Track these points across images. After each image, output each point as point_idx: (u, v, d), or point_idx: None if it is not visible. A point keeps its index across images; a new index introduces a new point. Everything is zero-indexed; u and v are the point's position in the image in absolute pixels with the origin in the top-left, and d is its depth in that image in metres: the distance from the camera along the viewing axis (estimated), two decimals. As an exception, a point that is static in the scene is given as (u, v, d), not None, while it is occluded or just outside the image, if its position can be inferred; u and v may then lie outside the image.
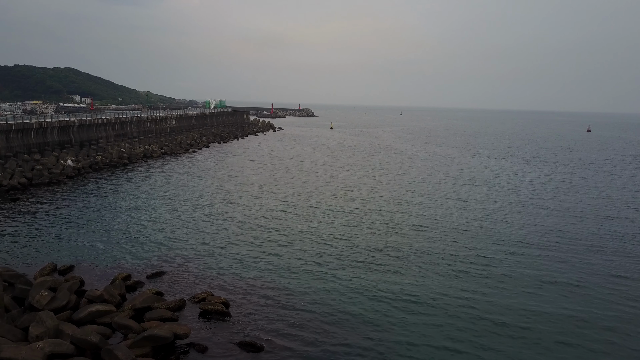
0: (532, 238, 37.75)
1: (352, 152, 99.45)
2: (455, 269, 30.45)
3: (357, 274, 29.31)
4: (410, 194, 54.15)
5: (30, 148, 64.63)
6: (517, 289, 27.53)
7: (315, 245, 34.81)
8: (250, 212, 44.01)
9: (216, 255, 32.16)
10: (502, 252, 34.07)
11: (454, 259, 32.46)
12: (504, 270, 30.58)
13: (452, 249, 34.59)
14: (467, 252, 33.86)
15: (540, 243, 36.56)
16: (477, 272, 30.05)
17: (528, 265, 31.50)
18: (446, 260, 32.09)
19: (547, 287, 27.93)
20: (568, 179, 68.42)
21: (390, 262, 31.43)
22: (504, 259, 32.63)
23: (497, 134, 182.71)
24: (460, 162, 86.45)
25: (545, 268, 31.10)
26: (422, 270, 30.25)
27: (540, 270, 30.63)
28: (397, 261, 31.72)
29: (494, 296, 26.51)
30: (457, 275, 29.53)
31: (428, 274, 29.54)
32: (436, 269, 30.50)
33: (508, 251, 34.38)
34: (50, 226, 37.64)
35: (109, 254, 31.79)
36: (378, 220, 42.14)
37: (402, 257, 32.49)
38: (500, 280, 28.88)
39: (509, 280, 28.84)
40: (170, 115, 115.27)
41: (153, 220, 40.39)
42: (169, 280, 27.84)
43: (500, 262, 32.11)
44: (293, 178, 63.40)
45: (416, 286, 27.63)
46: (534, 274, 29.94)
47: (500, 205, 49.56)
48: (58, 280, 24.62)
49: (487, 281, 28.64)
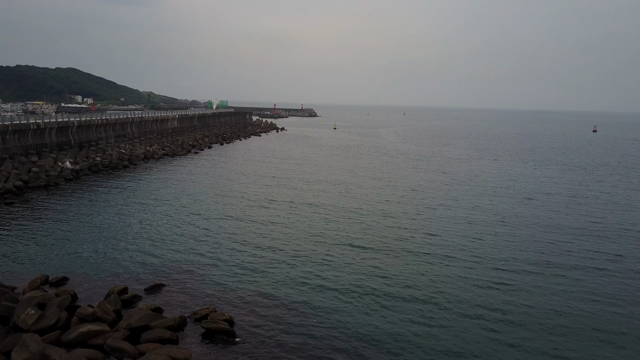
0: (551, 249, 35.56)
1: (357, 154, 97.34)
2: (476, 284, 28.38)
3: (369, 286, 27.24)
4: (419, 200, 51.97)
5: (27, 149, 62.72)
6: (542, 304, 25.47)
7: (325, 255, 32.73)
8: (254, 219, 41.88)
9: (219, 266, 30.11)
10: (522, 263, 31.97)
11: (473, 273, 30.36)
12: (526, 282, 28.49)
13: (468, 261, 32.48)
14: (484, 264, 31.74)
15: (559, 253, 34.43)
16: (497, 287, 27.97)
17: (550, 279, 29.40)
18: (467, 274, 30.00)
19: (575, 305, 25.86)
20: (583, 182, 65.95)
21: (403, 276, 29.34)
22: (525, 271, 30.52)
23: (502, 134, 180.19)
24: (468, 164, 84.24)
25: (568, 282, 29.01)
26: (444, 287, 28.17)
27: (564, 286, 28.54)
28: (413, 276, 29.62)
29: (515, 313, 24.44)
30: (478, 290, 27.46)
31: (452, 293, 27.45)
32: (459, 283, 28.42)
33: (528, 262, 32.27)
34: (44, 233, 35.68)
35: (106, 264, 29.81)
36: (387, 227, 40.02)
37: (418, 271, 30.39)
38: (523, 293, 26.80)
39: (532, 294, 26.76)
40: (171, 116, 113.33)
41: (152, 227, 38.38)
42: (169, 294, 25.82)
43: (521, 273, 30.01)
44: (299, 182, 61.16)
45: (437, 306, 25.56)
46: (556, 290, 27.84)
47: (515, 211, 47.27)
48: (47, 295, 22.63)
49: (509, 297, 26.56)
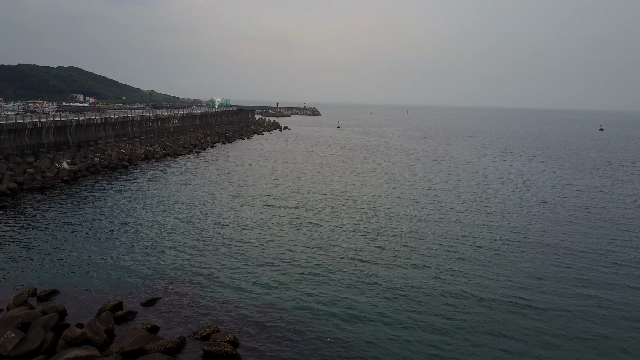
0: (578, 262, 33.18)
1: (362, 153, 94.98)
2: (490, 298, 26.11)
3: (379, 302, 25.00)
4: (429, 205, 49.33)
5: (23, 150, 60.67)
6: (567, 327, 23.19)
7: (337, 267, 30.44)
8: (259, 227, 39.14)
9: (221, 278, 27.75)
10: (546, 279, 29.67)
11: (489, 290, 28.07)
12: (551, 303, 26.22)
13: (484, 272, 30.19)
14: (499, 278, 29.45)
15: (588, 267, 32.10)
16: (513, 304, 25.69)
17: (579, 301, 27.09)
18: (483, 292, 27.72)
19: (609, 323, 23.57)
20: (601, 185, 63.18)
21: (413, 291, 27.06)
22: (549, 290, 28.23)
23: (508, 133, 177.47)
24: (477, 164, 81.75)
25: (598, 303, 26.70)
26: (459, 304, 25.91)
27: (593, 308, 26.23)
28: (424, 292, 27.35)
29: (533, 330, 22.18)
30: (493, 306, 25.19)
31: (467, 311, 25.19)
32: (474, 302, 26.15)
33: (551, 277, 29.97)
34: (35, 240, 33.47)
35: (100, 275, 27.60)
36: (395, 235, 37.35)
37: (429, 286, 28.12)
38: (548, 317, 24.53)
39: (558, 318, 24.47)
40: (173, 115, 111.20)
41: (151, 234, 36.08)
42: (167, 309, 23.61)
43: (545, 293, 27.72)
44: (305, 185, 58.43)
45: (452, 325, 23.31)
46: (586, 313, 25.54)
47: (531, 216, 44.73)
48: (32, 313, 20.45)
49: (528, 314, 24.29)
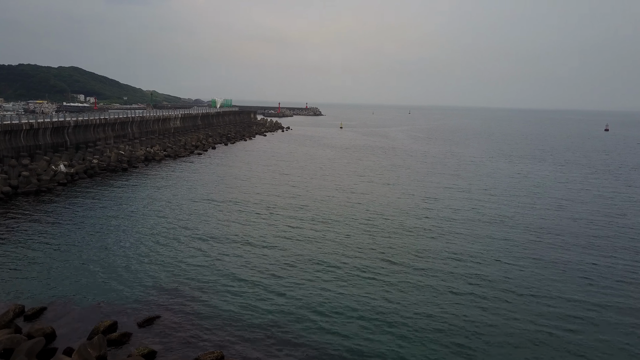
0: (603, 280, 31.08)
1: (367, 155, 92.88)
2: (507, 317, 24.03)
3: (397, 320, 22.95)
4: (439, 211, 46.78)
5: (19, 151, 58.67)
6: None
7: (348, 282, 28.35)
8: (264, 236, 36.16)
9: (226, 294, 25.51)
10: (575, 300, 27.57)
11: (511, 319, 26.00)
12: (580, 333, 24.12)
13: (501, 298, 28.11)
14: (521, 300, 27.36)
15: (612, 287, 29.98)
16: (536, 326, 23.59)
17: (607, 328, 24.98)
18: (502, 320, 25.65)
19: None
20: (617, 188, 60.65)
21: (424, 308, 24.99)
22: (579, 315, 26.12)
23: (513, 134, 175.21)
24: (485, 166, 79.51)
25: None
26: (472, 327, 23.83)
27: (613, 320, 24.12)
28: (435, 310, 25.27)
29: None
30: (509, 323, 23.11)
31: (480, 333, 23.11)
32: (489, 325, 24.08)
33: (578, 298, 27.86)
34: (25, 250, 31.31)
35: (94, 290, 25.50)
36: (404, 246, 34.80)
37: (439, 305, 26.04)
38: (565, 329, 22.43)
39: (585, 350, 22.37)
40: (174, 115, 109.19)
41: (148, 244, 33.63)
42: (166, 330, 21.52)
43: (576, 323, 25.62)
44: (311, 190, 55.29)
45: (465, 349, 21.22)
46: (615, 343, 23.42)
47: (549, 226, 42.02)
48: (15, 337, 18.42)
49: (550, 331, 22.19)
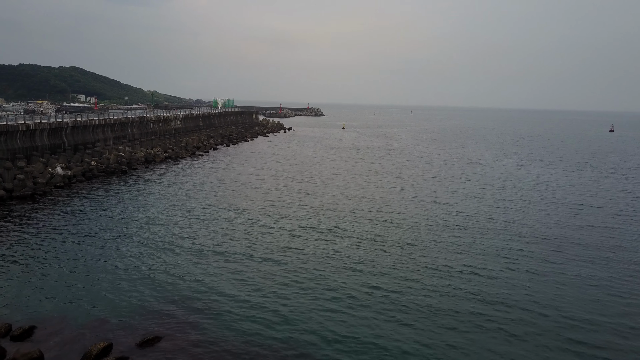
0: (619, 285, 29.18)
1: (373, 157, 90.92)
2: (512, 327, 22.11)
3: (409, 336, 21.04)
4: (447, 219, 44.03)
5: (15, 153, 56.78)
6: None
7: (358, 293, 26.43)
8: (269, 246, 33.72)
9: (232, 310, 23.50)
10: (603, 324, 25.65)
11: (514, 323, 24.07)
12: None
13: (520, 319, 26.19)
14: (542, 321, 25.44)
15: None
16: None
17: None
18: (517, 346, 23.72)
19: None
20: (633, 192, 58.74)
21: (433, 326, 23.11)
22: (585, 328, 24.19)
23: (518, 134, 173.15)
24: (493, 169, 77.45)
25: None
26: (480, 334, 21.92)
27: None
28: (446, 331, 23.40)
29: None
30: (514, 333, 21.19)
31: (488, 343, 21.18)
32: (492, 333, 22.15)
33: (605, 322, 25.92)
34: (16, 263, 29.03)
35: (87, 305, 23.56)
36: (412, 258, 32.59)
37: (446, 327, 24.16)
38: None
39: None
40: (175, 116, 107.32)
41: (148, 254, 31.42)
42: (166, 354, 19.61)
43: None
44: (318, 196, 52.39)
45: None
46: None
47: (566, 233, 40.05)
48: (-1, 366, 16.56)
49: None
